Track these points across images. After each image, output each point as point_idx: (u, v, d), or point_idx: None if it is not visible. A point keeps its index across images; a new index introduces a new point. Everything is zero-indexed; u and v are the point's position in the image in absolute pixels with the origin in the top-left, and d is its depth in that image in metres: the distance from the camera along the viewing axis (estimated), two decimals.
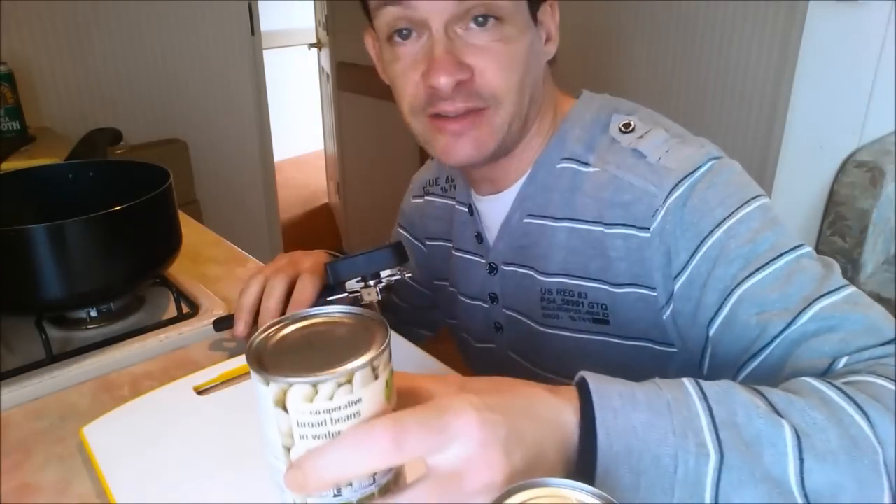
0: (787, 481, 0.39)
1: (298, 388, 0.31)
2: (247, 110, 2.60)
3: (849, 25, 1.85)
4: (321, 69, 3.51)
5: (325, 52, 3.25)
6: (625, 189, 0.63)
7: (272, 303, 0.66)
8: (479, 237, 0.76)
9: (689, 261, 0.60)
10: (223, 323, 0.71)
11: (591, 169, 0.66)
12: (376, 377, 0.33)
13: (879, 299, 2.02)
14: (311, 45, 3.48)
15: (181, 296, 0.77)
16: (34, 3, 1.98)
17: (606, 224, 0.64)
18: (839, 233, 2.11)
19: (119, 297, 0.75)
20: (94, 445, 0.53)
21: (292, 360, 0.33)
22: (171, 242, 0.75)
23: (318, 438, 0.32)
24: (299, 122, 4.35)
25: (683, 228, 0.60)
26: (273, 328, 0.36)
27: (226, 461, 0.51)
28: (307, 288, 0.66)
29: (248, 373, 0.33)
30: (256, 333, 0.36)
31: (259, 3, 2.53)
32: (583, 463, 0.38)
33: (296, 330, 0.36)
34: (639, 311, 0.64)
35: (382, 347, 0.33)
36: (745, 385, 0.44)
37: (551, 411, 0.38)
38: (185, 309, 0.75)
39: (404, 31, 0.60)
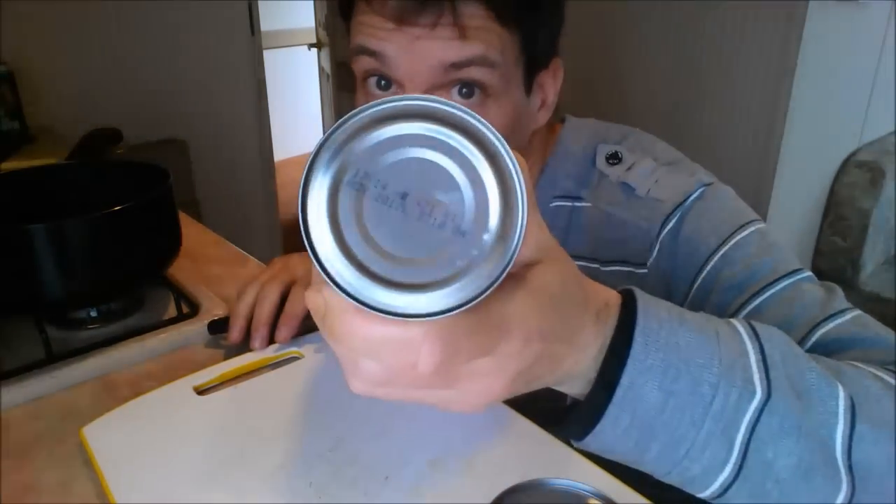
0: (833, 446, 0.35)
1: (334, 285, 0.23)
2: (247, 110, 2.60)
3: (849, 25, 1.85)
4: (321, 69, 3.51)
5: (325, 52, 3.25)
6: (617, 226, 0.61)
7: (265, 311, 0.66)
8: None
9: (686, 293, 0.58)
10: (218, 326, 0.71)
11: (584, 204, 0.65)
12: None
13: (879, 299, 2.01)
14: (311, 45, 3.48)
15: (181, 296, 0.77)
16: (34, 3, 1.98)
17: (603, 261, 0.63)
18: (839, 233, 2.11)
19: (119, 297, 0.75)
20: (94, 445, 0.53)
21: (368, 211, 0.23)
22: (171, 242, 0.75)
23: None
24: (299, 122, 4.35)
25: (679, 261, 0.59)
26: (367, 138, 0.23)
27: (226, 461, 0.51)
28: (299, 301, 0.66)
29: (249, 373, 0.31)
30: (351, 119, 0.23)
31: (259, 3, 2.53)
32: (606, 376, 0.33)
33: (402, 153, 0.23)
34: None
35: (488, 285, 0.23)
36: None
37: (584, 338, 0.33)
38: (185, 309, 0.75)
39: (382, 82, 0.57)
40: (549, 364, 0.32)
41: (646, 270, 0.61)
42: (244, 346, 0.66)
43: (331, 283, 0.23)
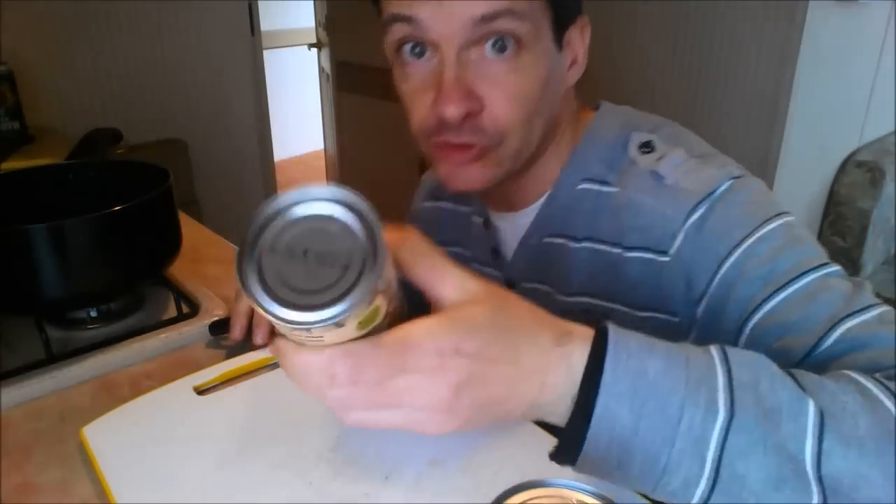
0: (803, 459, 0.37)
1: (266, 312, 0.32)
2: (247, 110, 2.60)
3: (849, 26, 1.85)
4: (321, 69, 3.51)
5: (325, 52, 3.25)
6: (642, 212, 0.61)
7: None
8: (496, 252, 0.74)
9: (708, 286, 0.58)
10: (218, 327, 0.71)
11: (612, 189, 0.64)
12: (344, 326, 0.33)
13: (879, 299, 2.01)
14: (311, 45, 3.48)
15: (181, 296, 0.77)
16: (34, 2, 1.98)
17: (626, 247, 0.63)
18: (839, 233, 2.11)
19: (119, 297, 0.75)
20: (94, 445, 0.53)
21: (283, 266, 0.33)
22: (171, 242, 0.75)
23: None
24: (299, 122, 4.35)
25: (702, 252, 0.58)
26: (277, 220, 0.34)
27: (226, 461, 0.51)
28: None
29: (249, 373, 0.33)
30: (261, 218, 0.34)
31: (259, 3, 2.53)
32: (582, 402, 0.37)
33: (300, 225, 0.34)
34: (661, 337, 0.63)
35: (364, 296, 0.31)
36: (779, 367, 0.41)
37: (539, 361, 0.37)
38: (185, 309, 0.75)
39: (416, 49, 0.58)
40: (502, 385, 0.37)
41: (668, 258, 0.60)
42: (244, 346, 0.67)
43: (260, 310, 0.32)
